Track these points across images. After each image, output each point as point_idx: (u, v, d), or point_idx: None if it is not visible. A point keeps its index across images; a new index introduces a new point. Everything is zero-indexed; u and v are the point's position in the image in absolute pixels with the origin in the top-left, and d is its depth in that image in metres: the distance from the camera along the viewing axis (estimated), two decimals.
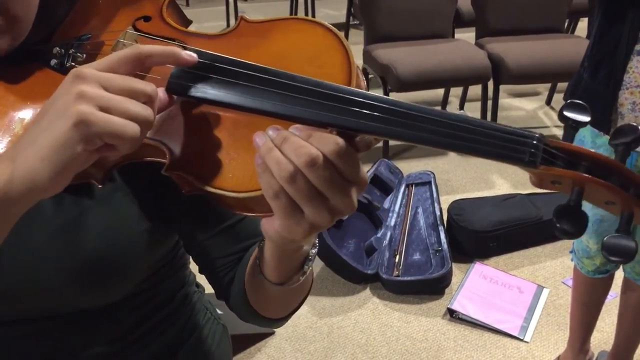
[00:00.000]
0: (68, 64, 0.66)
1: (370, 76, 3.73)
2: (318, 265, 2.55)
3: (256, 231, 0.77)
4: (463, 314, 2.32)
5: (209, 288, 0.91)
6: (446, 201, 2.81)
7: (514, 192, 2.94)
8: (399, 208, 2.80)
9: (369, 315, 2.36)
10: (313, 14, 5.49)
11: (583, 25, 4.60)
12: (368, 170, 2.89)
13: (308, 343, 2.22)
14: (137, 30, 0.69)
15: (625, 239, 0.48)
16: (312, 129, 0.52)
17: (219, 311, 1.04)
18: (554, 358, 2.13)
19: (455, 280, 2.49)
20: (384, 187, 2.90)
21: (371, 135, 0.52)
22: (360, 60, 3.65)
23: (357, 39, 4.18)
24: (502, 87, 3.52)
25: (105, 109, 0.51)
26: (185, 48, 0.59)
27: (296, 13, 5.81)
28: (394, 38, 3.51)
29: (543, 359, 2.15)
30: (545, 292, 2.46)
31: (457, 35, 3.80)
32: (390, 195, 2.88)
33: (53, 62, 0.67)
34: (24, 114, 0.63)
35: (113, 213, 0.75)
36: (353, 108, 0.52)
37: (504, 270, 2.58)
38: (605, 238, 0.49)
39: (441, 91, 4.11)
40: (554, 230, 0.49)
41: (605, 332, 2.22)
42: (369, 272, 2.46)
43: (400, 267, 2.48)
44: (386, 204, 2.82)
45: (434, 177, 2.92)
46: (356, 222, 2.65)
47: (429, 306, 2.40)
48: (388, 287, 2.46)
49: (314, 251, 0.68)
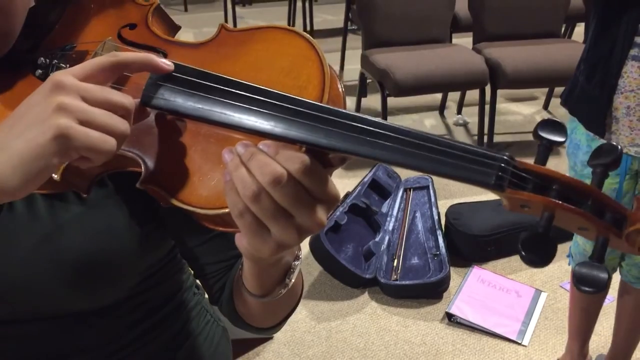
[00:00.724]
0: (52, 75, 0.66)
1: (368, 81, 3.73)
2: (316, 269, 2.55)
3: None
4: (461, 318, 2.32)
5: None
6: (444, 205, 2.82)
7: None
8: (397, 212, 2.80)
9: (368, 319, 2.36)
10: (311, 19, 5.50)
11: (580, 30, 4.62)
12: (366, 174, 2.89)
13: (306, 347, 2.22)
14: (122, 38, 0.69)
15: (597, 269, 0.46)
16: (282, 145, 0.51)
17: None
18: None
19: (453, 284, 2.49)
20: (382, 192, 2.90)
21: (338, 153, 0.51)
22: (358, 65, 3.66)
23: (355, 44, 4.19)
24: (500, 92, 3.53)
25: (84, 122, 0.51)
26: (165, 57, 0.59)
27: (294, 18, 5.81)
28: (392, 43, 3.52)
29: None
30: (543, 296, 2.47)
31: (455, 40, 3.81)
32: (388, 199, 2.89)
33: (37, 73, 0.67)
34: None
35: (104, 218, 0.75)
36: (321, 125, 0.51)
37: (502, 274, 2.58)
38: (576, 266, 0.46)
39: (439, 96, 4.12)
40: (520, 258, 0.47)
41: (603, 336, 2.22)
42: (367, 277, 2.47)
43: (398, 272, 2.48)
44: (384, 208, 2.82)
45: (432, 182, 2.92)
46: (354, 227, 2.65)
47: (427, 310, 2.40)
48: (386, 292, 2.46)
49: (297, 263, 0.67)
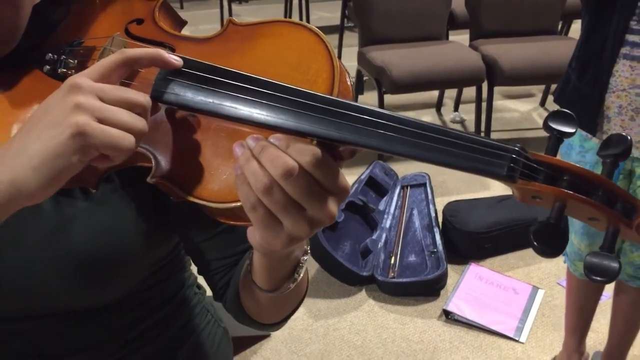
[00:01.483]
0: (60, 70, 0.66)
1: (364, 78, 3.73)
2: (313, 267, 2.55)
3: None
4: (458, 315, 2.32)
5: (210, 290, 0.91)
6: (441, 203, 2.81)
7: (509, 194, 2.94)
8: (394, 210, 2.80)
9: (365, 317, 2.36)
10: (307, 17, 5.49)
11: (577, 27, 4.62)
12: (363, 172, 2.89)
13: (304, 345, 2.22)
14: (129, 33, 0.69)
15: (608, 259, 0.46)
16: (292, 139, 0.51)
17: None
18: (550, 359, 2.13)
19: (450, 281, 2.49)
20: (379, 189, 2.90)
21: (349, 145, 0.51)
22: (354, 62, 3.66)
23: (352, 41, 4.18)
24: (497, 89, 3.53)
25: (102, 120, 0.51)
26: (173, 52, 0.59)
27: (290, 15, 5.80)
28: (389, 40, 3.52)
29: None
30: (540, 293, 2.47)
31: (451, 37, 3.81)
32: (385, 197, 2.88)
33: (46, 69, 0.67)
34: (18, 119, 0.63)
35: (110, 214, 0.75)
36: (331, 118, 0.51)
37: (499, 271, 2.58)
38: (587, 256, 0.47)
39: (435, 93, 4.12)
40: (532, 249, 0.47)
41: (600, 333, 2.22)
42: (365, 274, 2.47)
43: (395, 269, 2.48)
44: (381, 206, 2.82)
45: (429, 179, 2.92)
46: (351, 224, 2.65)
47: (425, 308, 2.40)
48: (384, 289, 2.46)
49: (306, 258, 0.68)
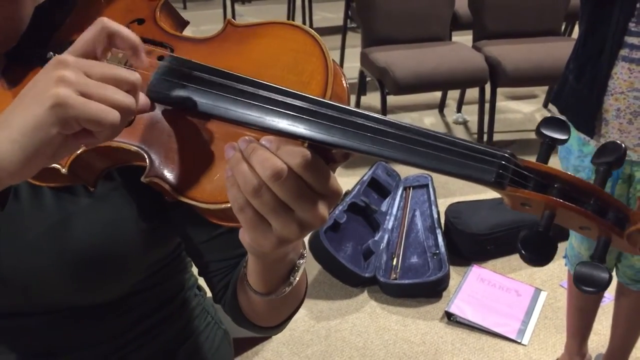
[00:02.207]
0: None
1: (367, 79, 3.72)
2: (315, 268, 2.54)
3: None
4: (461, 317, 2.31)
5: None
6: (444, 204, 2.81)
7: None
8: (397, 211, 2.79)
9: (367, 318, 2.35)
10: (310, 17, 5.49)
11: None
12: (365, 173, 2.89)
13: (305, 347, 2.22)
14: None
15: (598, 269, 0.45)
16: (284, 140, 0.51)
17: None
18: None
19: (452, 283, 2.49)
20: (382, 190, 2.90)
21: (339, 149, 0.51)
22: (357, 63, 3.65)
23: (355, 42, 4.18)
24: (500, 90, 3.52)
25: (85, 95, 0.50)
26: (172, 52, 0.59)
27: (293, 16, 5.80)
28: (392, 41, 3.51)
29: None
30: (543, 295, 2.46)
31: (455, 38, 3.80)
32: (387, 198, 2.88)
33: None
34: None
35: (111, 211, 0.75)
36: (322, 121, 0.51)
37: (502, 273, 2.58)
38: (577, 266, 0.46)
39: (438, 94, 4.11)
40: (520, 256, 0.46)
41: (602, 335, 2.22)
42: (367, 276, 2.46)
43: (397, 270, 2.47)
44: (384, 207, 2.81)
45: (432, 180, 2.92)
46: (354, 225, 2.65)
47: (427, 309, 2.39)
48: (386, 291, 2.46)
49: (302, 261, 0.67)
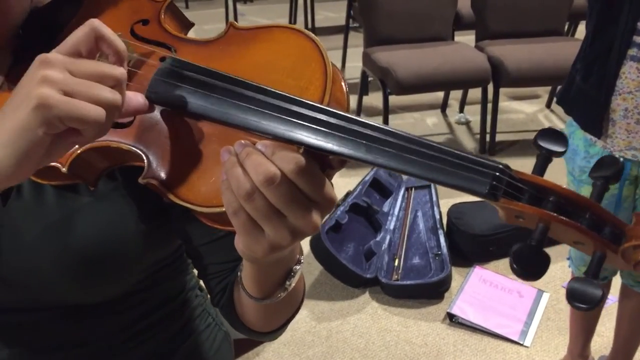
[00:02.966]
0: None
1: (369, 79, 3.72)
2: (317, 269, 2.54)
3: None
4: (463, 319, 2.30)
5: None
6: (446, 205, 2.80)
7: None
8: (399, 211, 2.78)
9: (368, 319, 2.34)
10: (312, 17, 5.48)
11: (583, 28, 4.59)
12: (367, 173, 2.88)
13: (307, 347, 2.21)
14: (134, 33, 0.70)
15: (591, 286, 0.44)
16: (280, 145, 0.51)
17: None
18: None
19: (454, 284, 2.48)
20: (383, 191, 2.89)
21: (333, 156, 0.51)
22: (359, 63, 3.64)
23: (357, 42, 4.17)
24: (502, 90, 3.51)
25: (68, 93, 0.50)
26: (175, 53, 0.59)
27: (295, 15, 5.80)
28: (394, 41, 3.50)
29: None
30: (545, 297, 2.45)
31: (457, 38, 3.79)
32: (389, 198, 2.87)
33: None
34: None
35: (112, 210, 0.75)
36: (317, 127, 0.51)
37: (504, 274, 2.57)
38: (570, 281, 0.45)
39: (441, 94, 4.11)
40: (512, 270, 0.46)
41: (605, 337, 2.21)
42: (368, 276, 2.45)
43: (399, 271, 2.46)
44: (385, 208, 2.81)
45: None
46: (355, 226, 2.64)
47: (429, 310, 2.38)
48: (387, 291, 2.45)
49: (298, 267, 0.67)
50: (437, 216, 2.68)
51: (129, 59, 0.62)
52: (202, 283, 0.97)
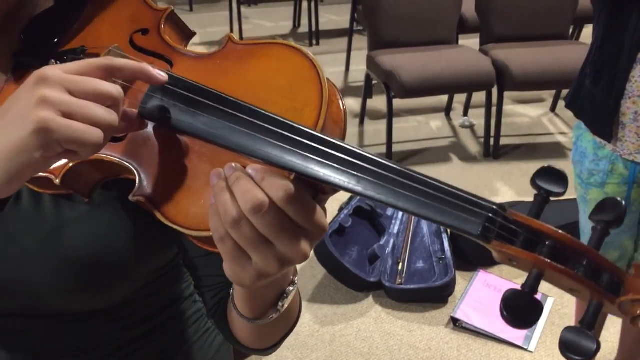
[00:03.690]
0: None
1: (374, 82, 3.71)
2: (320, 272, 2.53)
3: None
4: (467, 323, 2.29)
5: None
6: None
7: (518, 200, 2.91)
8: (402, 215, 2.78)
9: (372, 323, 2.34)
10: (317, 20, 5.48)
11: (588, 31, 4.59)
12: None
13: (310, 351, 2.20)
14: (133, 43, 0.69)
15: (585, 338, 0.42)
16: (270, 170, 0.50)
17: None
18: None
19: (458, 288, 2.47)
20: None
21: (325, 184, 0.50)
22: (363, 66, 3.64)
23: (361, 45, 4.17)
24: (507, 94, 3.50)
25: (67, 115, 0.49)
26: (171, 68, 0.60)
27: (299, 18, 5.80)
28: (398, 44, 3.50)
29: None
30: (549, 301, 2.44)
31: (461, 41, 3.78)
32: None
33: None
34: None
35: (108, 220, 0.75)
36: (310, 155, 0.50)
37: (509, 278, 2.56)
38: (563, 331, 0.43)
39: (445, 98, 4.10)
40: (501, 318, 0.44)
41: (610, 342, 2.19)
42: (372, 280, 2.44)
43: (403, 275, 2.46)
44: (389, 211, 2.80)
45: None
46: (359, 229, 2.63)
47: (432, 315, 2.37)
48: (391, 295, 2.44)
49: (292, 288, 0.66)
50: None
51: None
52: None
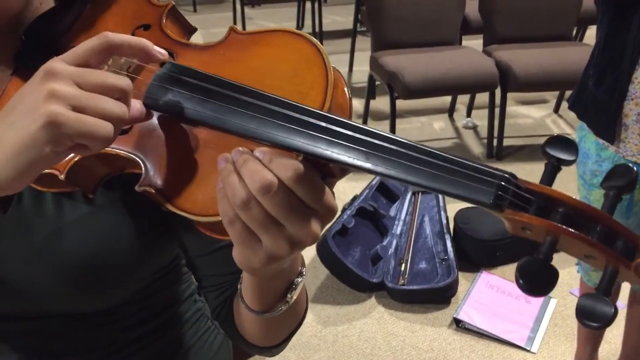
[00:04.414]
0: None
1: (377, 83, 3.71)
2: (323, 273, 2.53)
3: None
4: (469, 324, 2.29)
5: None
6: (453, 209, 2.79)
7: None
8: (405, 216, 2.78)
9: (374, 324, 2.34)
10: (320, 21, 5.48)
11: (591, 32, 4.58)
12: (374, 177, 2.87)
13: (313, 352, 2.20)
14: None
15: (603, 303, 0.42)
16: (278, 152, 0.49)
17: None
18: None
19: (461, 289, 2.47)
20: (390, 195, 2.88)
21: (334, 164, 0.50)
22: (367, 67, 3.64)
23: (364, 46, 4.17)
24: (510, 95, 3.50)
25: (77, 109, 0.49)
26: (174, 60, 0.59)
27: (303, 19, 5.80)
28: (401, 45, 3.50)
29: None
30: (552, 303, 2.44)
31: (465, 42, 3.78)
32: (396, 202, 2.86)
33: None
34: None
35: (109, 220, 0.74)
36: (317, 134, 0.50)
37: (511, 279, 2.55)
38: (580, 298, 0.43)
39: (448, 98, 4.10)
40: (517, 285, 0.43)
41: (613, 344, 2.19)
42: (375, 281, 2.45)
43: (406, 276, 2.46)
44: (392, 212, 2.80)
45: None
46: (362, 230, 2.63)
47: (435, 316, 2.37)
48: (394, 296, 2.44)
49: (300, 279, 0.66)
50: (444, 221, 2.68)
51: (129, 65, 0.61)
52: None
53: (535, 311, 2.38)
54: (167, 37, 0.68)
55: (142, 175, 0.58)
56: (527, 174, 3.49)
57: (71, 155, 0.58)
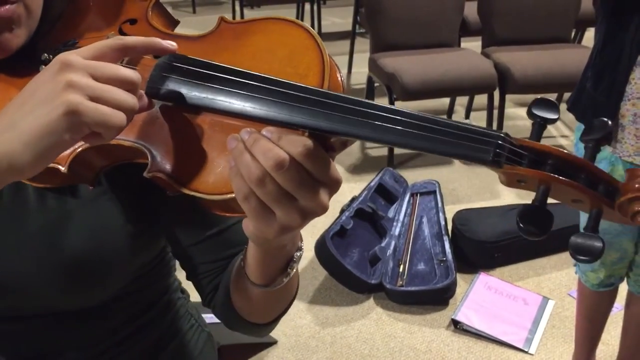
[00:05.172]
0: None
1: (375, 85, 3.72)
2: (321, 274, 2.53)
3: (242, 240, 0.79)
4: (467, 325, 2.29)
5: (195, 295, 0.91)
6: (451, 211, 2.79)
7: (520, 202, 2.91)
8: (404, 217, 2.78)
9: (373, 325, 2.34)
10: (319, 22, 5.49)
11: (590, 35, 4.58)
12: (372, 179, 2.87)
13: (311, 353, 2.20)
14: (123, 33, 0.71)
15: (592, 238, 0.48)
16: (284, 131, 0.52)
17: (208, 320, 1.04)
18: None
19: (459, 290, 2.47)
20: (389, 196, 2.88)
21: (339, 136, 0.53)
22: (365, 68, 3.65)
23: (363, 47, 4.17)
24: (508, 97, 3.50)
25: (94, 99, 0.52)
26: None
27: (302, 20, 5.80)
28: (400, 47, 3.50)
29: None
30: (550, 304, 2.44)
31: (463, 44, 3.79)
32: (394, 204, 2.87)
33: (42, 69, 0.67)
34: None
35: (97, 215, 0.75)
36: (321, 110, 0.53)
37: (509, 281, 2.56)
38: (572, 237, 0.48)
39: (446, 100, 4.10)
40: (518, 230, 0.49)
41: (611, 345, 2.19)
42: (373, 282, 2.45)
43: (404, 277, 2.46)
44: (390, 213, 2.80)
45: (439, 187, 2.90)
46: (360, 232, 2.63)
47: (433, 317, 2.37)
48: (392, 297, 2.44)
49: (299, 254, 0.69)
50: (443, 222, 2.68)
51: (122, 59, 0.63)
52: (184, 285, 0.99)
53: (533, 313, 2.38)
54: (155, 29, 0.70)
55: (149, 162, 0.60)
56: None
57: (72, 149, 0.60)
